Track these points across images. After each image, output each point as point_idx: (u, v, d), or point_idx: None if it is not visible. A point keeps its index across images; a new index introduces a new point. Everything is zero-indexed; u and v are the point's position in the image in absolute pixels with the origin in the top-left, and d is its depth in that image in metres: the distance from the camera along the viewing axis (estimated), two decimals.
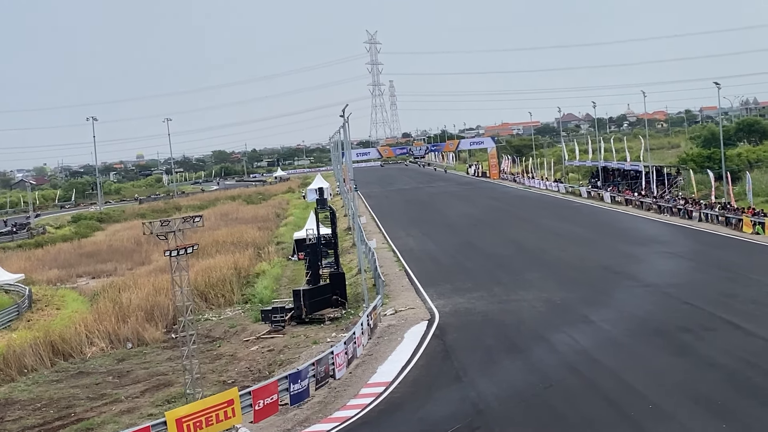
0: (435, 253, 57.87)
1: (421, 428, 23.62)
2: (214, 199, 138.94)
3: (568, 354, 29.46)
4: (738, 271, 41.41)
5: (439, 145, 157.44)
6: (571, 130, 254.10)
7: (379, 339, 35.61)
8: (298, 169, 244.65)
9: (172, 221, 26.79)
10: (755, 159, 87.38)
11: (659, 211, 69.25)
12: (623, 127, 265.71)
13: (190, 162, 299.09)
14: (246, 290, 52.87)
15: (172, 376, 35.97)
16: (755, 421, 21.29)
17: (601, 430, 21.88)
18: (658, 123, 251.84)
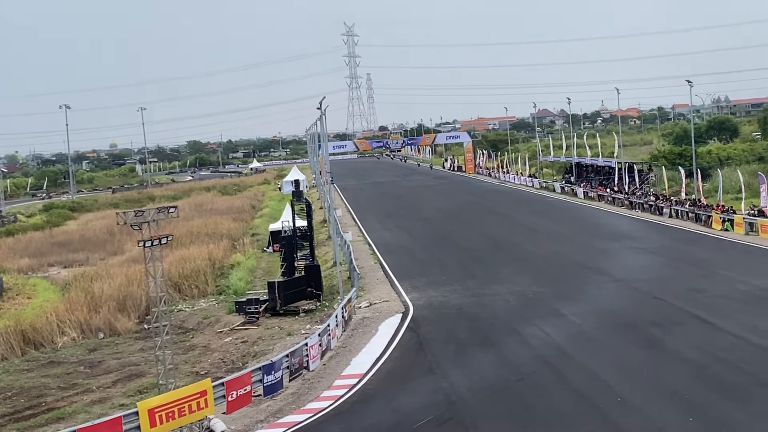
0: (410, 247, 58.10)
1: (394, 419, 23.82)
2: (188, 189, 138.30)
3: (540, 347, 29.77)
4: (707, 267, 41.88)
5: (415, 138, 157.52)
6: (546, 125, 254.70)
7: (353, 331, 35.78)
8: (274, 160, 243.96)
9: (147, 211, 26.77)
10: (725, 156, 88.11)
11: (631, 207, 69.77)
12: (597, 123, 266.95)
13: (164, 152, 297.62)
14: (220, 281, 52.82)
15: (144, 366, 35.97)
16: (721, 415, 21.62)
17: (571, 422, 22.15)
18: (631, 120, 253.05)
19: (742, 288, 36.32)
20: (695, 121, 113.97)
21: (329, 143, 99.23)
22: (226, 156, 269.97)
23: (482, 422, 22.87)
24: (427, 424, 22.98)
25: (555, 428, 21.88)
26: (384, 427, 23.24)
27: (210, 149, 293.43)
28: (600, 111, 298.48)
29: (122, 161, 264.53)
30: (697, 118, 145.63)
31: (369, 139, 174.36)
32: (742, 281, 37.56)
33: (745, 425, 20.80)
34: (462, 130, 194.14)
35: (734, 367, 25.50)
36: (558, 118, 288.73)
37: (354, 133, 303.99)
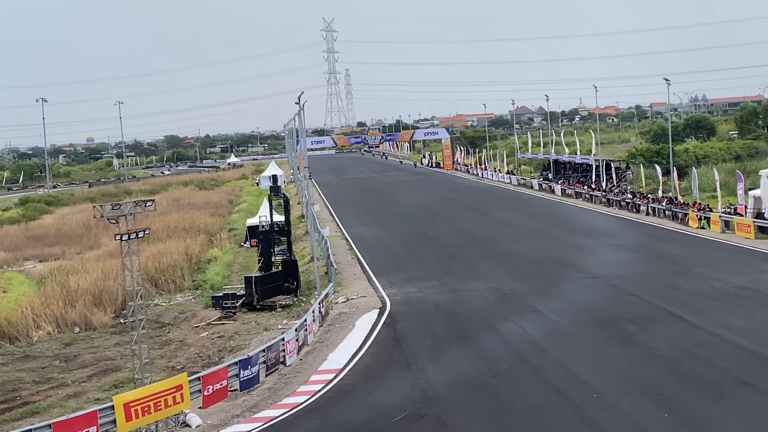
0: (388, 242, 58.13)
1: (370, 415, 23.81)
2: (165, 184, 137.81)
3: (517, 343, 29.84)
4: (683, 265, 42.09)
5: (393, 135, 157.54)
6: (524, 122, 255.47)
7: (330, 326, 35.76)
8: (252, 155, 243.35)
9: (124, 205, 26.67)
10: (702, 155, 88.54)
11: (608, 204, 70.05)
12: (575, 120, 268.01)
13: (141, 146, 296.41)
14: (197, 276, 52.68)
15: (120, 361, 35.82)
16: (696, 412, 21.74)
17: (547, 418, 22.22)
18: (609, 118, 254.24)
19: (717, 285, 36.53)
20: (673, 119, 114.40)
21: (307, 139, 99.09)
22: (203, 151, 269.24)
23: (458, 418, 22.89)
24: (403, 420, 22.99)
25: (531, 424, 21.93)
26: (360, 423, 23.23)
27: (187, 144, 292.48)
28: (578, 109, 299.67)
29: (99, 155, 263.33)
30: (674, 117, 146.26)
31: (347, 135, 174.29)
32: (717, 279, 37.78)
33: (720, 421, 20.93)
34: (440, 127, 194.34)
35: (709, 364, 25.64)
36: (536, 115, 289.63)
37: (332, 129, 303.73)
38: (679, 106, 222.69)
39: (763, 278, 37.51)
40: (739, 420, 20.88)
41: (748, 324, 29.81)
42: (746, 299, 33.77)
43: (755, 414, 21.19)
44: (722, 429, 20.44)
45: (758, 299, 33.58)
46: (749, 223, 49.19)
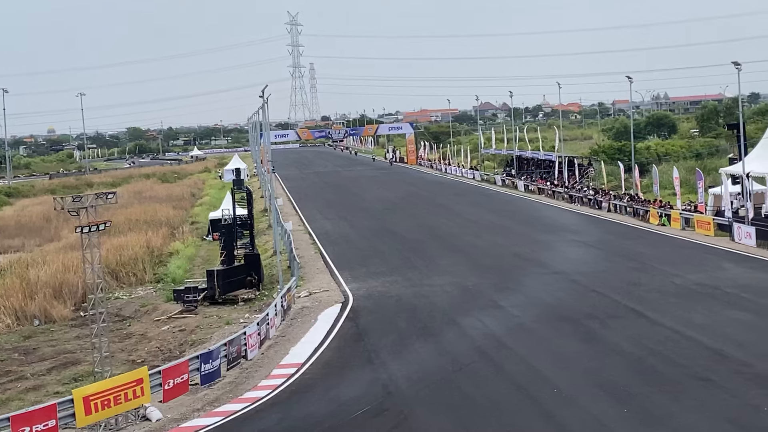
0: (351, 237, 58.13)
1: (331, 409, 23.80)
2: (127, 176, 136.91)
3: (478, 338, 29.94)
4: (644, 261, 42.44)
5: (357, 129, 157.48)
6: (488, 118, 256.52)
7: (292, 321, 35.71)
8: (216, 148, 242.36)
9: (85, 197, 26.47)
10: (664, 152, 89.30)
11: (570, 200, 70.50)
12: (539, 117, 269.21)
13: (103, 138, 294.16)
14: (159, 269, 52.35)
15: (80, 354, 35.51)
16: (655, 407, 21.92)
17: (508, 413, 22.32)
18: (572, 114, 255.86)
19: (677, 282, 36.87)
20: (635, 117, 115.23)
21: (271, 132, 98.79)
22: (166, 143, 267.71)
23: (419, 412, 22.94)
24: (364, 414, 23.01)
25: (492, 418, 22.02)
26: (321, 417, 23.20)
27: (150, 136, 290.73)
28: (541, 105, 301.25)
29: (60, 147, 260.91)
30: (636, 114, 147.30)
31: (311, 129, 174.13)
32: (677, 275, 38.13)
33: (679, 416, 21.12)
34: (405, 122, 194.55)
35: (669, 360, 25.86)
36: (500, 111, 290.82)
37: (296, 123, 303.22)
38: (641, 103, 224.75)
39: (723, 275, 37.92)
40: (698, 415, 21.08)
41: (708, 321, 30.11)
42: (706, 296, 34.11)
43: (713, 409, 21.40)
44: (681, 424, 20.62)
45: (717, 296, 33.93)
46: (709, 221, 49.69)
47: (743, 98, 73.15)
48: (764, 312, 31.09)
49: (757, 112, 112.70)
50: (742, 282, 36.13)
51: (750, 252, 43.23)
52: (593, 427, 20.90)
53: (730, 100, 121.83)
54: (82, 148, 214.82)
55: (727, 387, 23.00)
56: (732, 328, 29.07)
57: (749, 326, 29.27)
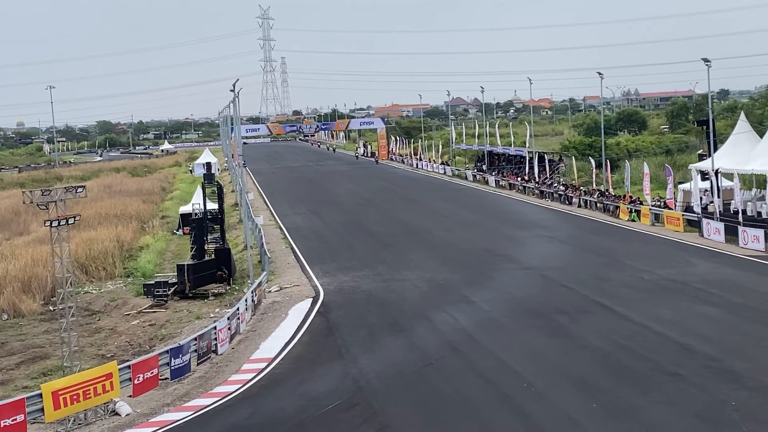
0: (322, 231, 58.08)
1: (301, 404, 23.79)
2: (97, 170, 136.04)
3: (449, 333, 30.02)
4: (613, 257, 42.71)
5: (329, 124, 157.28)
6: (459, 113, 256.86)
7: (263, 315, 35.66)
8: (186, 142, 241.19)
9: (54, 191, 26.31)
10: (634, 148, 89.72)
11: (541, 196, 70.78)
12: (510, 112, 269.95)
13: (73, 132, 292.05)
14: (128, 264, 52.10)
15: (49, 348, 35.32)
16: (624, 402, 22.07)
17: (478, 407, 22.40)
18: (543, 110, 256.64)
19: (646, 278, 37.13)
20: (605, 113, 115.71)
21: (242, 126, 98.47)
22: (136, 137, 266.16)
23: (390, 407, 22.98)
24: (335, 409, 23.02)
25: (462, 413, 22.09)
26: (292, 412, 23.20)
27: (120, 130, 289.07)
28: (513, 101, 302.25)
29: (29, 140, 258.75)
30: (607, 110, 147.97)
31: (283, 123, 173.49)
32: (646, 271, 38.40)
33: (647, 411, 21.27)
34: (376, 117, 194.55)
35: (637, 355, 26.04)
36: (471, 106, 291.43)
37: (267, 117, 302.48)
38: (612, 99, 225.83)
39: (691, 271, 38.24)
40: (666, 410, 21.24)
41: (676, 316, 30.35)
42: (674, 291, 34.37)
43: (681, 404, 21.58)
44: (649, 419, 20.77)
45: (686, 291, 34.21)
46: (678, 217, 50.07)
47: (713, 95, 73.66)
48: (732, 308, 31.37)
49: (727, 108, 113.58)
50: (710, 278, 36.44)
51: (719, 248, 43.58)
52: (562, 421, 21.02)
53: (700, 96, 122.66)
54: (51, 142, 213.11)
55: (696, 382, 23.21)
56: (700, 323, 29.33)
57: (717, 322, 29.54)
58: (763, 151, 46.29)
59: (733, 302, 32.10)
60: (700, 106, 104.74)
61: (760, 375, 23.36)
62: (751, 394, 21.98)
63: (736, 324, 29.18)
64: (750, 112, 69.39)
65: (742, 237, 43.35)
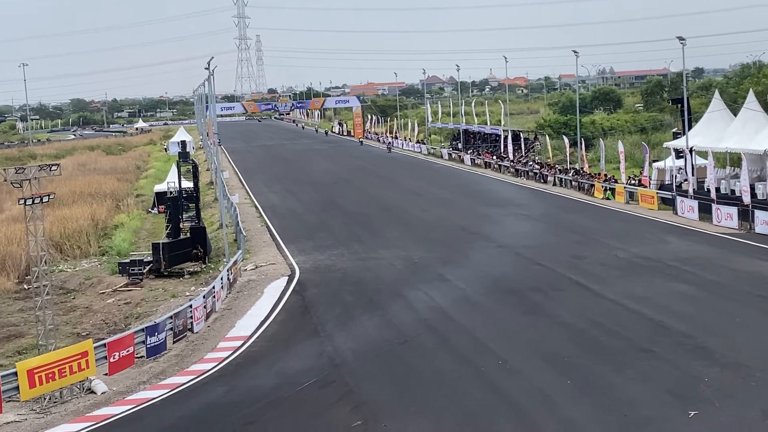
0: (297, 210, 58.04)
1: (277, 382, 23.85)
2: (71, 148, 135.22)
3: (424, 311, 30.12)
4: (588, 235, 42.92)
5: (304, 102, 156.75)
6: (435, 92, 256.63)
7: (238, 294, 35.64)
8: (161, 121, 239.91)
9: (28, 169, 26.16)
10: (609, 127, 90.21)
11: (516, 174, 70.97)
12: (485, 91, 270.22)
13: (46, 110, 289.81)
14: (103, 242, 51.93)
15: (23, 327, 35.20)
16: (598, 378, 22.24)
17: (453, 384, 22.50)
18: (518, 89, 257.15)
19: (621, 255, 37.35)
20: (581, 91, 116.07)
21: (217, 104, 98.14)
22: (110, 115, 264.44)
23: (365, 384, 23.07)
24: (310, 386, 23.09)
25: (437, 389, 22.19)
26: (267, 389, 23.25)
27: (94, 108, 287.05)
28: (488, 79, 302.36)
29: (2, 118, 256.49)
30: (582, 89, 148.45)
31: (258, 102, 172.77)
32: (621, 249, 38.63)
33: (620, 387, 21.45)
34: (351, 95, 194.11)
35: (612, 332, 26.23)
36: (447, 85, 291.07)
37: (242, 95, 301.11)
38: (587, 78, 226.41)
39: (665, 248, 38.50)
40: (640, 386, 21.42)
41: (650, 293, 30.56)
42: (648, 269, 34.59)
43: (655, 380, 21.76)
44: (623, 395, 20.95)
45: (660, 269, 34.43)
46: (653, 195, 50.37)
47: (687, 73, 73.96)
48: (705, 285, 31.63)
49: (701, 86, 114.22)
50: (684, 255, 36.70)
51: (692, 225, 43.92)
52: (537, 397, 21.16)
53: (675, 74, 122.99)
54: (25, 120, 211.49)
55: (669, 358, 23.41)
56: (674, 300, 29.54)
57: (691, 299, 29.77)
58: (736, 130, 46.58)
59: (706, 279, 32.36)
60: (675, 85, 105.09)
61: (733, 352, 23.58)
62: (723, 370, 22.19)
63: (709, 301, 29.44)
64: (724, 91, 69.65)
65: (715, 215, 43.67)
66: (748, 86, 62.16)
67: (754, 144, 44.26)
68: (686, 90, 54.92)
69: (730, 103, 55.09)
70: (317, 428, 20.30)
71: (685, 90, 54.17)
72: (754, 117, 46.66)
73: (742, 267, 34.14)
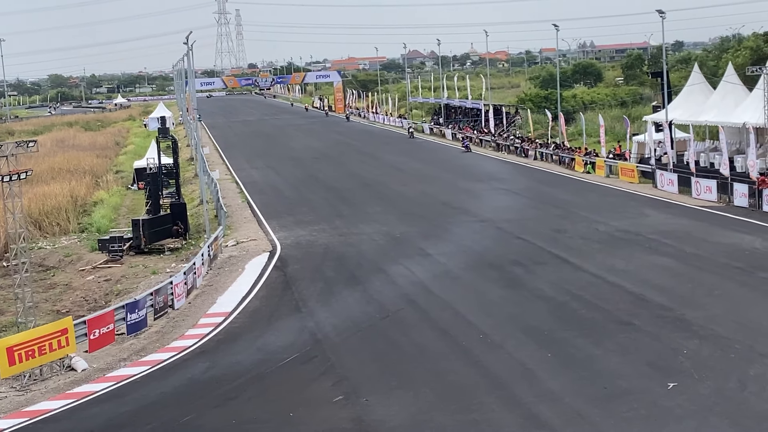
0: (278, 186, 57.94)
1: (259, 357, 23.85)
2: (50, 124, 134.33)
3: (405, 286, 30.17)
4: (568, 209, 43.04)
5: (285, 77, 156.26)
6: (416, 66, 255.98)
7: (219, 270, 35.57)
8: (140, 96, 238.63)
9: (5, 145, 25.96)
10: (590, 101, 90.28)
11: (497, 149, 71.00)
12: (466, 65, 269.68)
13: (24, 85, 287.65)
14: (83, 219, 51.67)
15: (3, 304, 34.99)
16: (578, 351, 22.35)
17: (434, 358, 22.58)
18: (499, 63, 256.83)
19: (601, 229, 37.49)
20: (561, 65, 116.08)
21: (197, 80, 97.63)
22: (89, 91, 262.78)
23: (346, 359, 23.10)
24: (292, 362, 23.12)
25: (418, 364, 22.25)
26: (249, 365, 23.25)
27: (72, 84, 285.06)
28: (469, 53, 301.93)
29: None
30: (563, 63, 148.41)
31: (238, 77, 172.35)
32: (601, 222, 38.77)
33: (601, 359, 21.57)
34: (332, 70, 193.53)
35: (592, 305, 26.35)
36: (428, 59, 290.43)
37: (222, 71, 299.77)
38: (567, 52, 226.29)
39: (645, 222, 38.67)
40: (619, 359, 21.56)
41: (630, 266, 30.73)
42: (628, 242, 34.76)
43: (634, 353, 21.90)
44: (603, 367, 21.07)
45: (639, 242, 34.60)
46: (633, 168, 50.51)
47: (667, 46, 74.05)
48: (685, 258, 31.80)
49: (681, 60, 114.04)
50: (663, 228, 36.88)
51: (672, 199, 44.10)
52: (518, 371, 21.25)
53: (655, 48, 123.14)
54: (2, 96, 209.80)
55: (648, 331, 23.55)
56: (653, 273, 29.70)
57: (670, 272, 29.92)
58: (716, 103, 46.76)
59: (685, 252, 32.54)
60: (655, 58, 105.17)
61: (711, 324, 23.74)
62: (702, 342, 22.35)
63: (688, 274, 29.59)
64: (704, 64, 69.80)
65: (695, 188, 43.86)
66: (727, 59, 62.26)
67: (733, 117, 44.44)
68: (666, 63, 54.99)
69: (709, 77, 55.29)
70: (299, 403, 20.31)
71: (664, 63, 54.23)
72: (733, 90, 46.87)
73: (721, 239, 34.35)
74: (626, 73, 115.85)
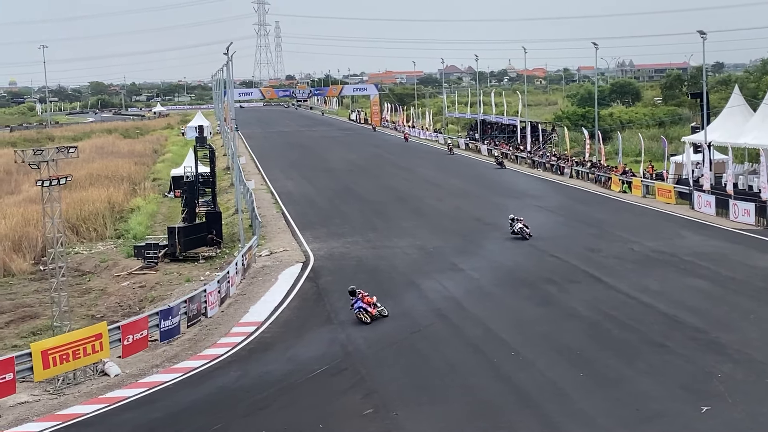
0: (313, 197, 58.07)
1: (289, 368, 23.90)
2: (89, 131, 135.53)
3: (437, 300, 30.12)
4: (603, 228, 42.80)
5: (322, 89, 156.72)
6: (453, 81, 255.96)
7: (253, 279, 35.71)
8: (179, 105, 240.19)
9: (46, 150, 26.24)
10: (627, 120, 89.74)
11: (533, 165, 70.80)
12: (504, 81, 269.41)
13: (65, 92, 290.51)
14: (119, 225, 52.10)
15: (39, 308, 35.37)
16: (611, 371, 22.22)
17: (465, 374, 22.52)
18: (537, 80, 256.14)
19: (636, 249, 37.24)
20: (599, 83, 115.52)
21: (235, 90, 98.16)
22: (129, 98, 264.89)
23: (377, 372, 23.10)
24: (322, 374, 23.15)
25: (449, 379, 22.21)
26: (280, 375, 23.32)
27: (113, 91, 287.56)
28: (507, 70, 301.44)
29: (21, 99, 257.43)
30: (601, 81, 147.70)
31: (275, 88, 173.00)
32: (636, 242, 38.51)
33: (633, 380, 21.42)
34: (369, 83, 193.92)
35: (624, 325, 26.18)
36: (465, 74, 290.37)
37: (260, 81, 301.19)
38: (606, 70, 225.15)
39: (680, 243, 38.36)
40: (651, 380, 21.39)
41: (664, 287, 30.49)
42: (663, 263, 34.49)
43: (666, 374, 21.72)
44: (634, 388, 20.92)
45: (674, 263, 34.33)
46: (670, 189, 50.16)
47: (707, 67, 73.59)
48: (720, 280, 31.51)
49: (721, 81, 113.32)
50: (699, 250, 36.58)
51: (709, 221, 43.72)
52: (549, 389, 21.15)
53: (695, 68, 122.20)
54: (43, 101, 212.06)
55: (681, 353, 23.36)
56: (688, 295, 29.46)
57: (705, 294, 29.67)
58: (755, 125, 46.35)
59: (721, 275, 32.23)
60: (695, 79, 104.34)
61: (746, 347, 23.51)
62: (736, 366, 22.13)
63: (723, 296, 29.32)
64: (744, 86, 69.20)
65: (732, 210, 43.47)
66: None
67: None
68: (706, 84, 54.64)
69: (749, 99, 54.77)
70: (328, 415, 20.35)
71: (704, 84, 53.88)
72: None
73: (758, 263, 34.00)
74: (665, 93, 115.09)
